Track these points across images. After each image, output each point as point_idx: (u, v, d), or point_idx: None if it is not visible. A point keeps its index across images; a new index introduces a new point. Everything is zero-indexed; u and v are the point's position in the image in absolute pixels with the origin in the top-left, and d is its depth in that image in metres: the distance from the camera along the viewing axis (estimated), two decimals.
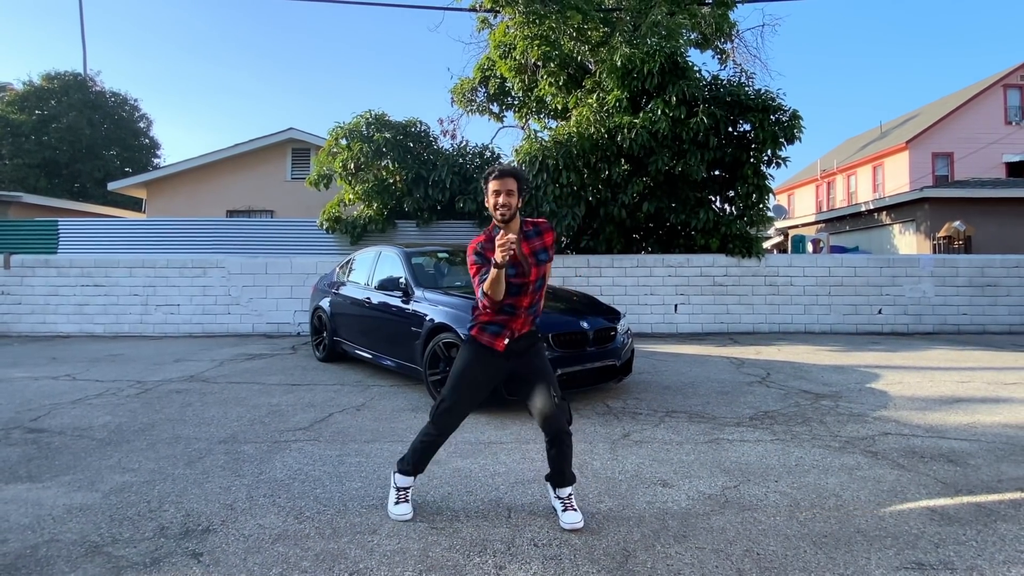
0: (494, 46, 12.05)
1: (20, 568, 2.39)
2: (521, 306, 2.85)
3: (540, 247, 2.89)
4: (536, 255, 2.86)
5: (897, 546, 2.58)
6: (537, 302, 2.93)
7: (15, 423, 4.58)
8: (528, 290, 2.85)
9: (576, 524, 2.74)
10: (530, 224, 2.90)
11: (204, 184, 15.40)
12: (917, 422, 4.55)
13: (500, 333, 2.84)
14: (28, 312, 10.30)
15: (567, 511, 2.79)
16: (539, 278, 2.89)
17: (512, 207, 2.75)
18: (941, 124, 21.73)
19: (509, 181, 2.76)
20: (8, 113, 25.05)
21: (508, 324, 2.85)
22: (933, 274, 10.59)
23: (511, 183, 2.76)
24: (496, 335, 2.85)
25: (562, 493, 2.85)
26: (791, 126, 9.90)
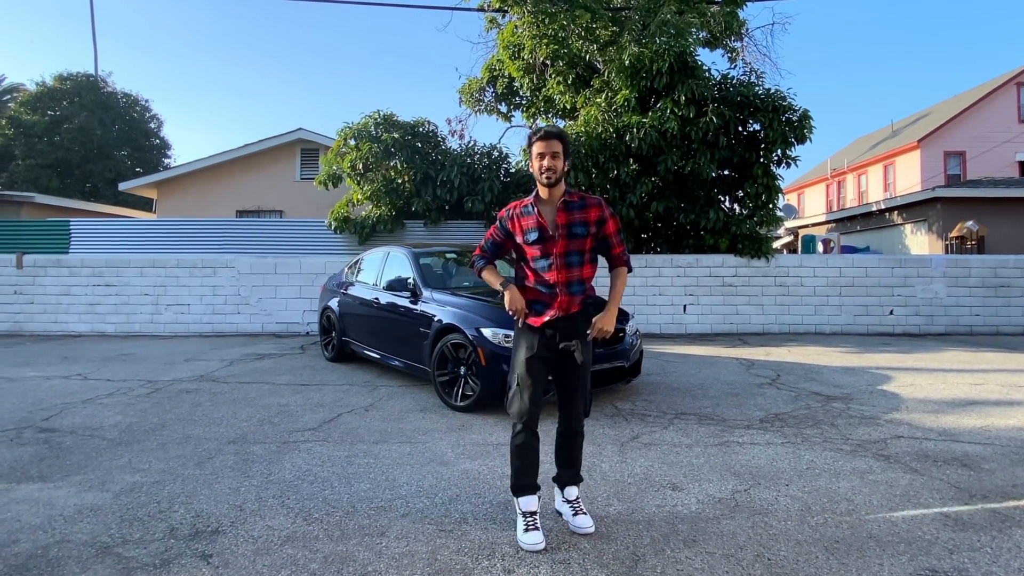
0: (502, 46, 12.04)
1: (31, 569, 2.41)
2: (555, 282, 2.67)
3: (579, 220, 2.70)
4: (571, 227, 2.68)
5: (910, 552, 2.55)
6: (577, 282, 2.70)
7: (27, 423, 4.62)
8: (553, 264, 2.68)
9: (589, 528, 2.70)
10: (576, 196, 2.73)
11: (214, 184, 15.50)
12: (930, 425, 4.50)
13: (541, 312, 2.70)
14: (40, 311, 10.40)
15: (578, 515, 2.74)
16: (568, 252, 2.68)
17: (558, 171, 2.64)
18: (953, 123, 21.51)
19: (555, 143, 2.64)
20: (21, 114, 25.32)
21: (549, 303, 2.69)
22: (945, 274, 10.48)
23: (556, 144, 2.64)
24: (538, 313, 2.71)
25: (570, 495, 2.79)
26: (801, 126, 9.83)
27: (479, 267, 2.93)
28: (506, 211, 2.84)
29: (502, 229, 2.83)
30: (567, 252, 2.69)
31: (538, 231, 2.70)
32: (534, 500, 2.70)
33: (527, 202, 2.78)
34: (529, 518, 2.65)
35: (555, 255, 2.69)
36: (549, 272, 2.69)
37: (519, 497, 2.71)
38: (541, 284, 2.72)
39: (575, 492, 2.80)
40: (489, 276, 2.88)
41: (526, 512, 2.67)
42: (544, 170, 2.65)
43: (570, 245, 2.69)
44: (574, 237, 2.69)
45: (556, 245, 2.68)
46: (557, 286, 2.68)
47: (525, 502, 2.69)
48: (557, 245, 2.68)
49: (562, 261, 2.69)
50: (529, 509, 2.67)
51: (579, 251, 2.70)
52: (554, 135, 2.66)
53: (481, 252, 2.93)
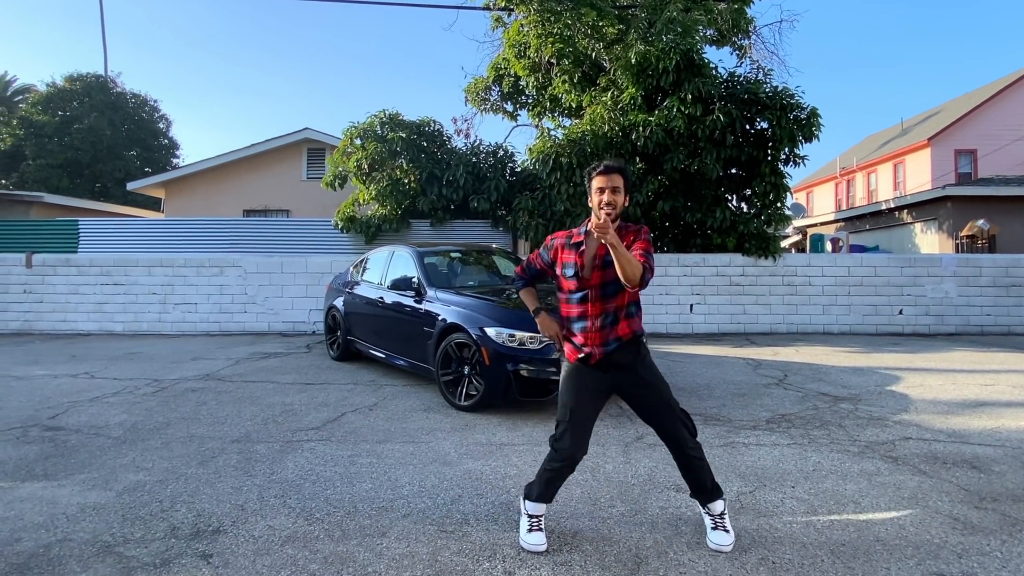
0: (508, 45, 12.01)
1: (32, 568, 2.41)
2: (588, 315, 2.60)
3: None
4: (606, 257, 2.54)
5: (918, 556, 2.51)
6: (614, 311, 2.60)
7: (33, 421, 4.65)
8: (590, 296, 2.60)
9: (723, 547, 2.54)
10: (621, 228, 2.62)
11: (221, 184, 15.56)
12: (939, 426, 4.44)
13: (578, 347, 2.63)
14: (49, 310, 10.47)
15: (716, 530, 2.60)
16: (605, 283, 2.58)
17: (618, 206, 2.53)
18: (964, 120, 21.27)
19: (616, 178, 2.54)
20: (32, 114, 25.52)
21: (585, 337, 2.61)
22: (956, 274, 10.37)
23: (618, 180, 2.54)
24: (576, 347, 2.64)
25: (713, 509, 2.63)
26: (809, 124, 9.75)
27: (518, 287, 2.97)
28: (551, 240, 2.78)
29: (546, 257, 2.79)
30: (603, 283, 2.59)
31: (574, 267, 2.63)
32: (542, 507, 2.65)
33: (576, 237, 2.68)
34: (534, 519, 2.63)
35: (590, 288, 2.61)
36: (583, 305, 2.62)
37: (529, 501, 2.65)
38: (576, 318, 2.65)
39: (720, 507, 2.64)
40: (526, 297, 2.94)
41: (532, 514, 2.63)
42: (604, 205, 2.52)
43: (605, 275, 2.57)
44: (608, 266, 2.54)
45: (592, 278, 2.60)
46: (590, 319, 2.60)
47: (533, 507, 2.64)
48: (592, 277, 2.60)
49: (597, 293, 2.60)
50: (536, 513, 2.64)
51: (615, 280, 2.53)
52: (615, 169, 2.56)
53: (522, 274, 2.96)
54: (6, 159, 25.28)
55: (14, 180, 25.06)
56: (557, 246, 2.75)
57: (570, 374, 2.66)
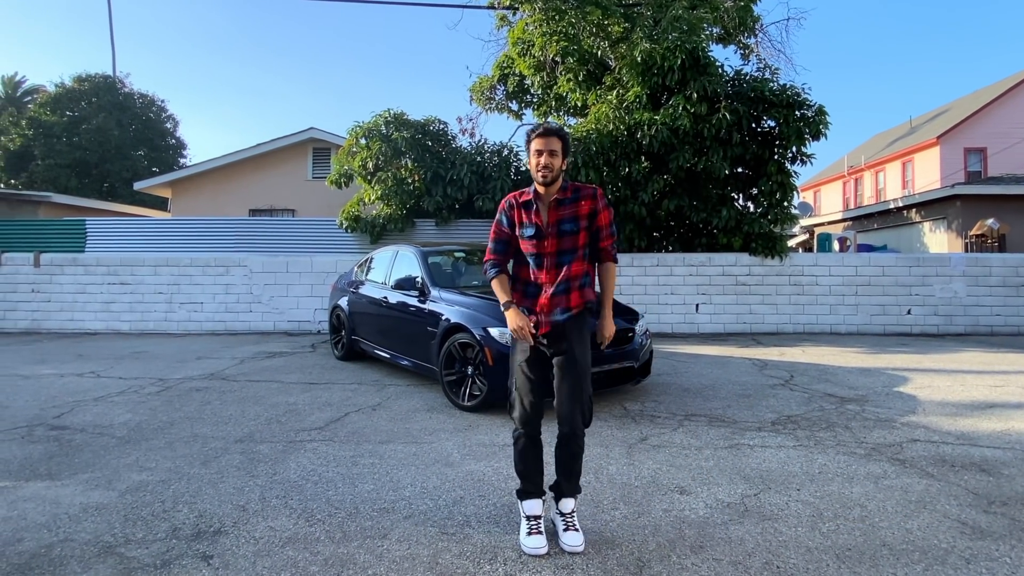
0: (512, 43, 11.98)
1: (33, 568, 2.41)
2: (542, 282, 2.63)
3: (569, 216, 2.63)
4: (560, 224, 2.62)
5: (925, 561, 2.47)
6: (566, 280, 2.62)
7: (39, 420, 4.66)
8: (545, 264, 2.63)
9: (578, 547, 2.54)
10: (570, 190, 2.66)
11: (227, 183, 15.62)
12: (947, 428, 4.39)
13: (528, 312, 2.64)
14: (57, 309, 10.54)
15: (568, 531, 2.59)
16: (560, 251, 2.62)
17: (555, 169, 2.58)
18: (974, 118, 21.08)
19: (553, 140, 2.58)
20: (41, 115, 25.70)
21: (532, 304, 2.65)
22: (965, 274, 10.26)
23: (555, 142, 2.58)
24: (526, 312, 2.65)
25: (564, 507, 2.65)
26: (816, 122, 9.67)
27: (491, 276, 2.80)
28: (506, 202, 2.76)
29: (507, 221, 2.74)
30: (558, 251, 2.64)
31: (534, 227, 2.65)
32: (538, 504, 2.66)
33: (526, 196, 2.71)
34: (532, 522, 2.61)
35: (546, 255, 2.64)
36: (539, 271, 2.66)
37: (522, 501, 2.67)
38: (530, 283, 2.68)
39: (570, 505, 2.66)
40: (497, 288, 2.74)
41: (529, 516, 2.63)
42: (540, 167, 2.58)
43: (562, 244, 2.63)
44: (564, 235, 2.63)
45: (547, 244, 2.63)
46: (543, 286, 2.64)
47: (528, 506, 2.65)
48: (548, 244, 2.63)
49: (552, 261, 2.64)
50: (532, 513, 2.63)
51: (571, 249, 2.64)
52: (553, 132, 2.60)
53: (492, 258, 2.79)
54: (15, 159, 25.47)
55: (23, 180, 25.24)
56: (513, 204, 2.72)
57: (522, 343, 2.65)
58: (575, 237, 2.65)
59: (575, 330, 2.65)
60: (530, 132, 2.65)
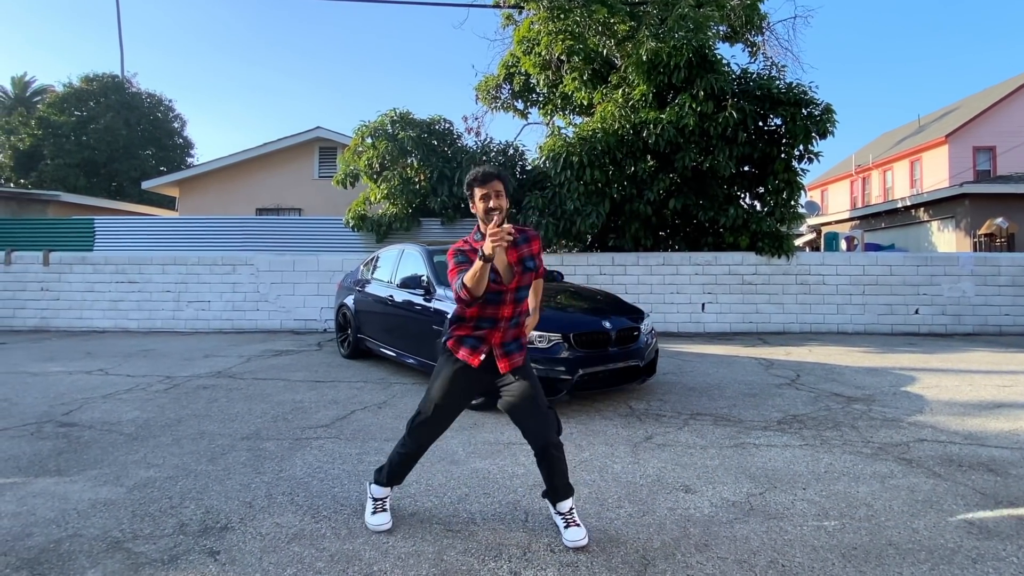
0: (518, 42, 11.98)
1: (42, 562, 2.44)
2: (501, 317, 2.67)
3: (528, 254, 2.72)
4: (523, 262, 2.68)
5: (931, 561, 2.46)
6: (519, 315, 2.75)
7: (48, 417, 4.71)
8: (506, 299, 2.67)
9: (580, 541, 2.56)
10: (518, 231, 2.69)
11: (234, 183, 15.69)
12: (955, 428, 4.36)
13: (477, 348, 2.66)
14: (66, 308, 10.61)
15: (570, 527, 2.62)
16: (520, 287, 2.70)
17: (503, 209, 2.60)
18: (983, 117, 20.92)
19: (495, 183, 2.61)
20: (50, 115, 25.90)
21: (486, 338, 2.67)
22: (973, 273, 10.19)
23: (497, 184, 2.62)
24: (473, 349, 2.66)
25: (562, 508, 2.67)
26: (824, 120, 9.63)
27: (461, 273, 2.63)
28: (458, 248, 2.69)
29: (465, 257, 2.64)
30: (519, 287, 2.70)
31: (494, 273, 2.60)
32: (387, 491, 2.86)
33: (474, 242, 2.67)
34: (378, 503, 2.83)
35: (509, 291, 2.66)
36: (498, 307, 2.66)
37: (377, 485, 2.85)
38: (485, 319, 2.67)
39: (568, 504, 2.67)
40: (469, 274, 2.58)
41: (376, 498, 2.84)
42: (490, 211, 2.58)
43: (522, 280, 2.70)
44: (526, 271, 2.71)
45: (512, 281, 2.65)
46: (501, 320, 2.68)
47: (380, 491, 2.85)
48: (513, 281, 2.65)
49: (513, 296, 2.69)
50: (379, 496, 2.84)
51: (527, 285, 2.75)
52: (492, 176, 2.63)
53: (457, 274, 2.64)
54: (25, 159, 25.68)
55: (33, 179, 25.44)
56: (469, 247, 2.67)
57: (451, 372, 2.70)
58: (531, 274, 2.74)
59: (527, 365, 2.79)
60: (470, 180, 2.66)
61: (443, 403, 2.71)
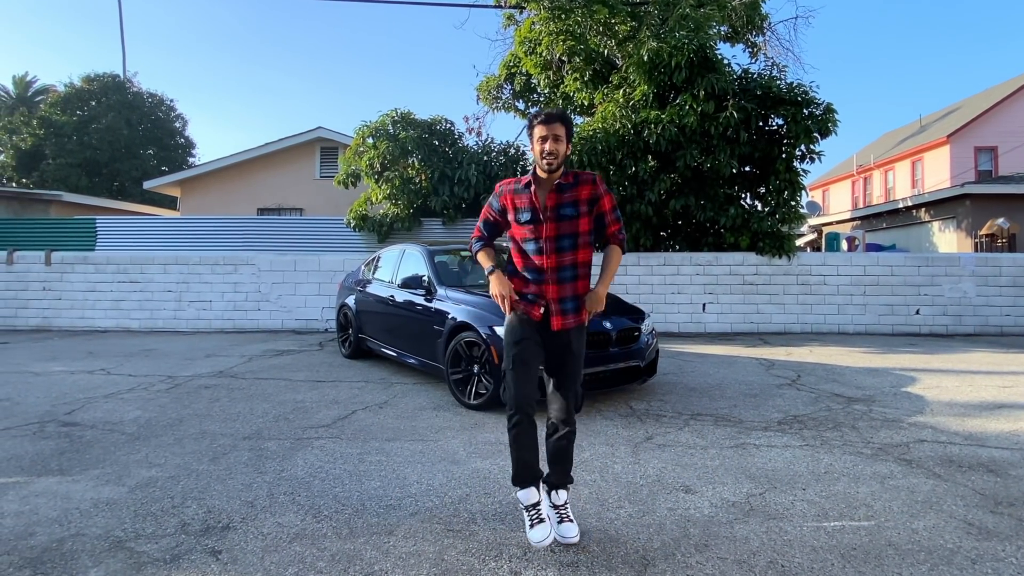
0: (519, 42, 11.99)
1: (45, 562, 2.45)
2: (544, 267, 2.57)
3: (569, 200, 2.58)
4: (559, 208, 2.57)
5: (931, 561, 2.47)
6: (567, 267, 2.59)
7: (50, 416, 4.72)
8: (544, 249, 2.57)
9: (573, 538, 2.55)
10: (570, 176, 2.62)
11: (235, 183, 15.72)
12: (955, 429, 4.37)
13: (535, 302, 2.60)
14: (68, 307, 10.64)
15: (563, 522, 2.59)
16: (560, 236, 2.57)
17: (560, 155, 2.54)
18: (985, 117, 20.90)
19: (557, 126, 2.53)
20: (51, 114, 25.95)
21: (541, 292, 2.59)
22: (975, 273, 10.19)
23: (559, 127, 2.53)
24: (532, 304, 2.60)
25: (557, 499, 2.64)
26: (825, 120, 9.63)
27: (475, 249, 2.82)
28: (500, 187, 2.73)
29: (496, 206, 2.72)
30: (558, 236, 2.58)
31: (531, 211, 2.60)
32: (534, 492, 2.61)
33: (524, 180, 2.66)
34: (532, 512, 2.58)
35: (544, 239, 2.58)
36: (539, 256, 2.60)
37: (519, 490, 2.64)
38: (530, 269, 2.62)
39: (563, 496, 2.65)
40: (482, 258, 2.77)
41: (528, 506, 2.60)
42: (545, 154, 2.53)
43: (560, 228, 2.58)
44: (563, 219, 2.58)
45: (545, 228, 2.58)
46: (546, 272, 2.58)
47: (525, 495, 2.62)
48: (546, 228, 2.57)
49: (552, 245, 2.58)
50: (530, 502, 2.60)
51: (571, 234, 2.59)
52: (556, 117, 2.55)
53: (479, 234, 2.83)
54: (27, 158, 25.73)
55: (35, 179, 25.49)
56: (506, 191, 2.68)
57: (514, 323, 2.62)
58: (575, 222, 2.59)
59: (578, 336, 2.66)
60: (532, 117, 2.60)
61: (518, 352, 2.58)
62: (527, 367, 2.59)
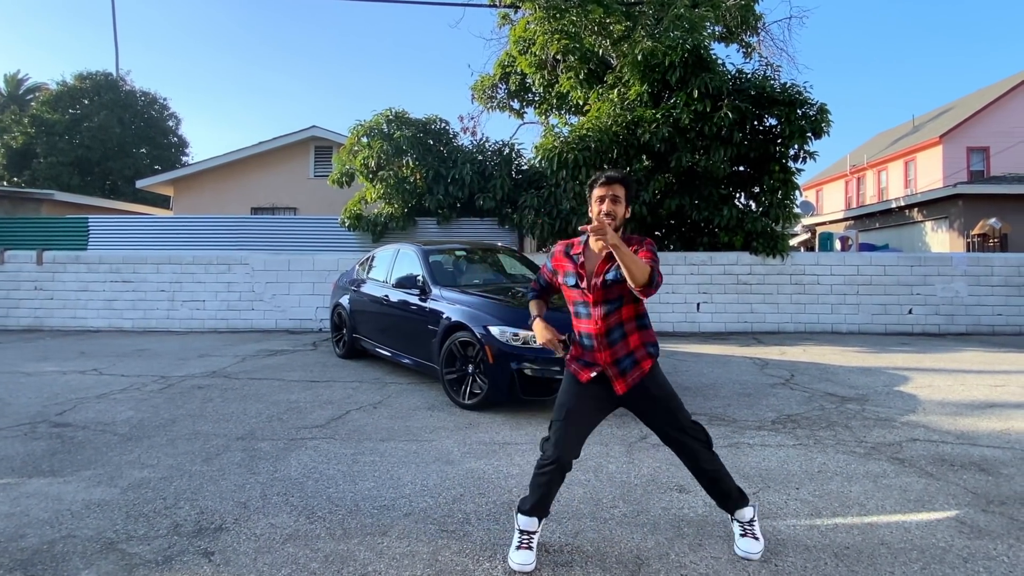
0: (514, 42, 11.99)
1: (36, 564, 2.43)
2: (593, 333, 2.49)
3: (617, 266, 2.43)
4: (607, 274, 2.47)
5: (923, 560, 2.48)
6: (615, 328, 2.50)
7: (41, 417, 4.69)
8: (591, 316, 2.49)
9: (752, 555, 2.47)
10: (624, 240, 2.46)
11: (229, 182, 15.63)
12: (947, 428, 4.39)
13: (587, 366, 2.53)
14: (60, 307, 10.56)
15: (745, 537, 2.53)
16: (607, 301, 2.48)
17: (618, 217, 2.46)
18: (977, 117, 21.02)
19: (616, 187, 2.46)
20: (43, 113, 25.74)
21: (592, 357, 2.51)
22: (967, 273, 10.25)
23: (619, 189, 2.46)
24: (583, 367, 2.54)
25: (742, 516, 2.55)
26: (818, 120, 9.67)
27: (530, 298, 2.85)
28: (557, 248, 2.69)
29: (549, 266, 2.72)
30: (605, 300, 2.49)
31: (575, 277, 2.55)
32: (535, 522, 2.52)
33: (577, 248, 2.60)
34: (524, 536, 2.50)
35: (592, 304, 2.50)
36: (588, 321, 2.52)
37: (521, 515, 2.54)
38: (583, 335, 2.56)
39: (749, 513, 2.56)
40: (532, 306, 2.79)
41: (523, 531, 2.52)
42: (603, 215, 2.45)
43: (608, 294, 2.49)
44: (609, 285, 2.48)
45: (592, 295, 2.50)
46: (596, 337, 2.49)
47: (525, 522, 2.52)
48: (593, 295, 2.50)
49: (600, 312, 2.49)
50: (528, 529, 2.51)
51: (617, 297, 2.49)
52: (616, 180, 2.48)
53: (535, 286, 2.84)
54: (18, 157, 25.52)
55: (26, 178, 25.29)
56: (557, 253, 2.66)
57: (572, 388, 2.56)
58: (621, 285, 2.46)
59: (651, 378, 2.56)
60: (593, 180, 2.54)
61: (570, 407, 2.52)
62: (576, 425, 2.53)
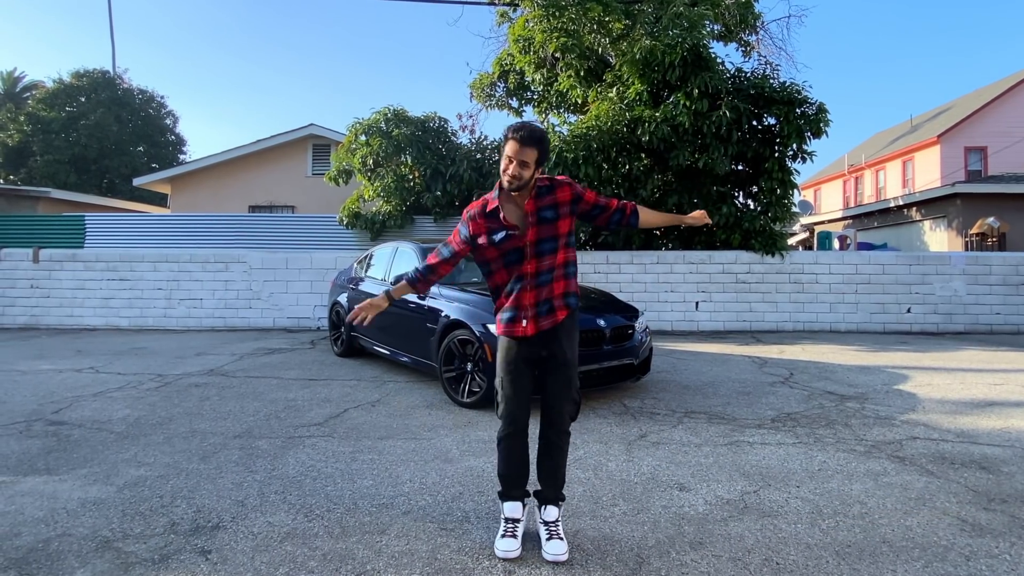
0: (513, 40, 11.93)
1: (31, 562, 2.41)
2: (526, 273, 2.51)
3: (548, 203, 2.53)
4: (539, 212, 2.51)
5: (925, 558, 2.47)
6: (553, 268, 2.54)
7: (37, 415, 4.66)
8: (527, 253, 2.52)
9: (560, 556, 2.41)
10: (545, 180, 2.56)
11: (227, 180, 15.59)
12: (947, 426, 4.38)
13: (515, 318, 2.53)
14: (56, 305, 10.52)
15: (552, 539, 2.46)
16: (541, 240, 2.51)
17: (523, 180, 2.45)
18: (975, 117, 21.06)
19: (528, 152, 2.42)
20: (39, 110, 25.67)
21: (520, 303, 2.52)
22: (965, 272, 10.26)
23: (529, 154, 2.42)
24: (512, 321, 2.54)
25: (548, 515, 2.54)
26: (817, 119, 9.66)
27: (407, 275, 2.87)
28: (468, 212, 2.65)
29: (464, 233, 2.64)
30: (539, 240, 2.52)
31: (504, 230, 2.53)
32: (518, 507, 2.57)
33: (493, 204, 2.57)
34: (508, 524, 2.53)
35: (528, 244, 2.52)
36: (520, 265, 2.54)
37: (503, 503, 2.60)
38: (511, 282, 2.57)
39: (554, 513, 2.54)
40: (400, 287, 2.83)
41: (508, 518, 2.55)
42: (507, 174, 2.46)
43: (541, 232, 2.52)
44: (543, 222, 2.52)
45: (528, 234, 2.51)
46: (527, 277, 2.52)
47: (509, 508, 2.56)
48: (529, 233, 2.51)
49: (534, 249, 2.52)
50: (512, 516, 2.54)
51: (552, 237, 2.54)
52: (528, 143, 2.43)
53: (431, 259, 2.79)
54: (14, 155, 25.45)
55: (22, 176, 25.21)
56: (475, 216, 2.61)
57: (505, 342, 2.58)
58: (554, 225, 2.54)
59: (564, 328, 2.59)
60: (507, 130, 2.49)
61: (506, 372, 2.54)
62: (517, 386, 2.55)
